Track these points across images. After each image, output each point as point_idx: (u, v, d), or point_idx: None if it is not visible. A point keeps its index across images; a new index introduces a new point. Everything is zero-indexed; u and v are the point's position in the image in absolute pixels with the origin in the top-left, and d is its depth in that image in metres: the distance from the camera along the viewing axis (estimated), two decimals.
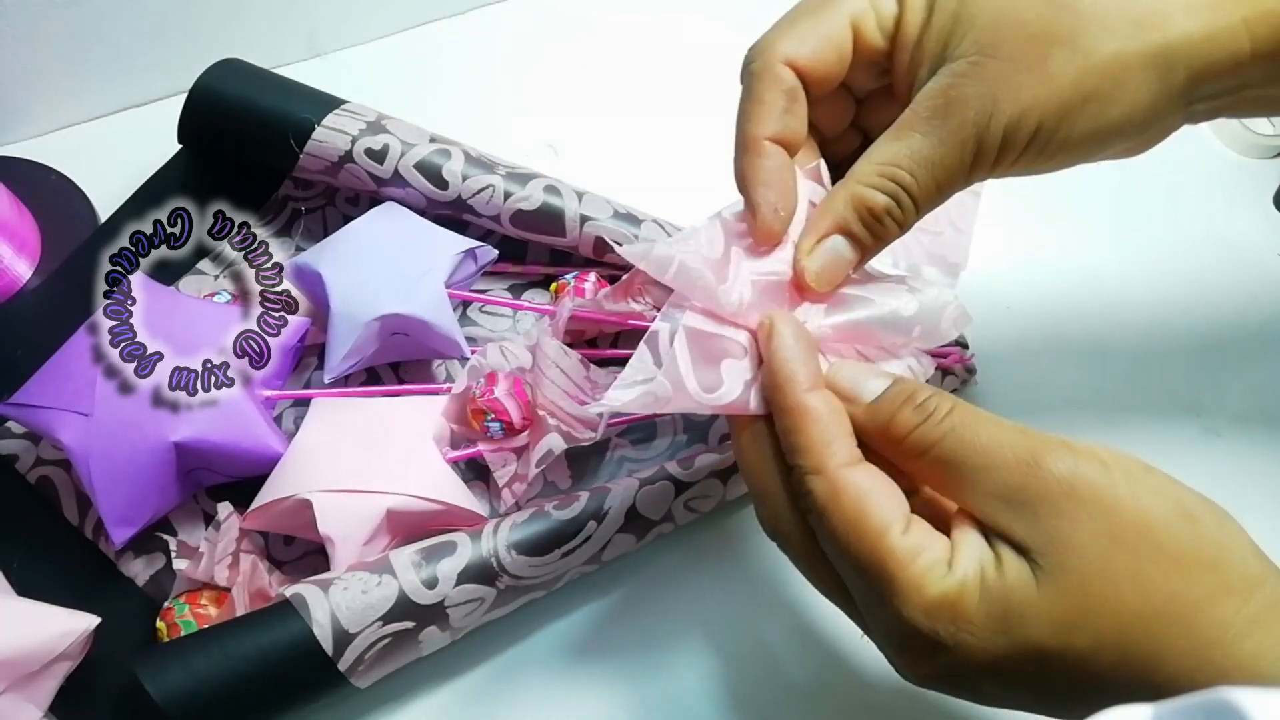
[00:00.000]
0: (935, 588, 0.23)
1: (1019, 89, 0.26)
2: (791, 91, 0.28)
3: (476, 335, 0.45)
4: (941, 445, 0.25)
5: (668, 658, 0.38)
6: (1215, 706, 0.19)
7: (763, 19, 0.57)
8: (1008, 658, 0.23)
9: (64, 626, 0.34)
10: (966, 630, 0.23)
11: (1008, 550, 0.24)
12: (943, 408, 0.25)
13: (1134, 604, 0.23)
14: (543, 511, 0.36)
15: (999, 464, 0.24)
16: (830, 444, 0.25)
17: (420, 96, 0.54)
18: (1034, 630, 0.23)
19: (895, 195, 0.27)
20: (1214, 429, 0.45)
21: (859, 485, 0.24)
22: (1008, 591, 0.23)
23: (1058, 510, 0.23)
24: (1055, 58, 0.26)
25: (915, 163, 0.27)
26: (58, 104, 0.52)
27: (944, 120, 0.27)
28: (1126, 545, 0.23)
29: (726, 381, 0.27)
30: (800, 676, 0.38)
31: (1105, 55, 0.26)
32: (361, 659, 0.33)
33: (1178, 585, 0.23)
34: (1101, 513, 0.23)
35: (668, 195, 0.48)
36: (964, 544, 0.24)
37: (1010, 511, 0.24)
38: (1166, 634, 0.23)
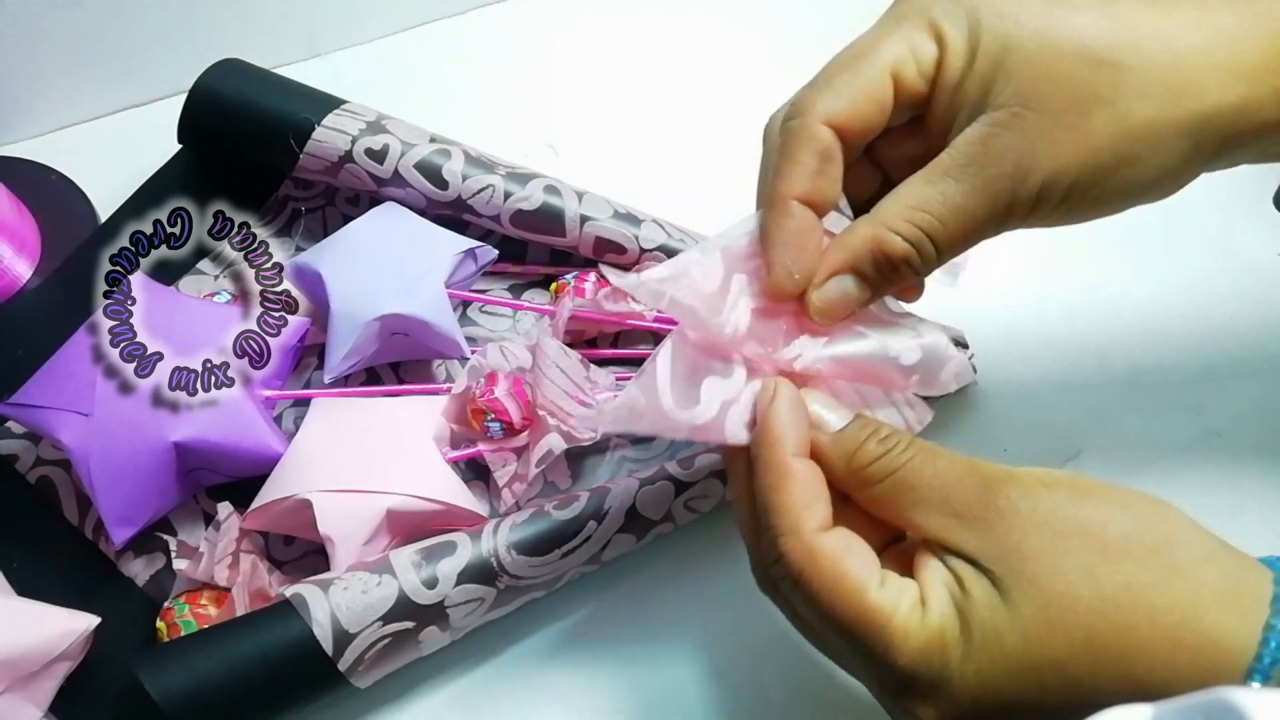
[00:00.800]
0: (921, 633, 0.24)
1: (1058, 146, 0.26)
2: (826, 152, 0.28)
3: (476, 335, 0.45)
4: (901, 472, 0.26)
5: (668, 658, 0.38)
6: (1215, 706, 0.19)
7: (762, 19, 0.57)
8: (998, 676, 0.24)
9: (64, 626, 0.34)
10: (956, 659, 0.24)
11: (966, 569, 0.25)
12: (903, 442, 0.26)
13: (1090, 599, 0.23)
14: (543, 511, 0.36)
15: (952, 485, 0.25)
16: (809, 507, 0.26)
17: (420, 96, 0.54)
18: (1009, 641, 0.24)
19: (918, 243, 0.27)
20: (1214, 429, 0.45)
21: (834, 547, 0.25)
22: (977, 609, 0.24)
23: (1006, 523, 0.24)
24: (1095, 118, 0.26)
25: (947, 209, 0.27)
26: (58, 104, 0.52)
27: (980, 169, 0.27)
28: (1071, 545, 0.24)
29: (704, 401, 0.27)
30: (800, 677, 0.38)
31: (1142, 120, 0.26)
32: (361, 659, 0.33)
33: (1130, 574, 0.23)
34: (1045, 521, 0.24)
35: (668, 195, 0.48)
36: (932, 582, 0.25)
37: (964, 528, 0.25)
38: (1131, 623, 0.23)
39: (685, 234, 0.45)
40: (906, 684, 0.25)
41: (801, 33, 0.59)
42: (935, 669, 0.24)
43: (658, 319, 0.42)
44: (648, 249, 0.44)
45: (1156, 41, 0.26)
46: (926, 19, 0.27)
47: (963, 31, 0.27)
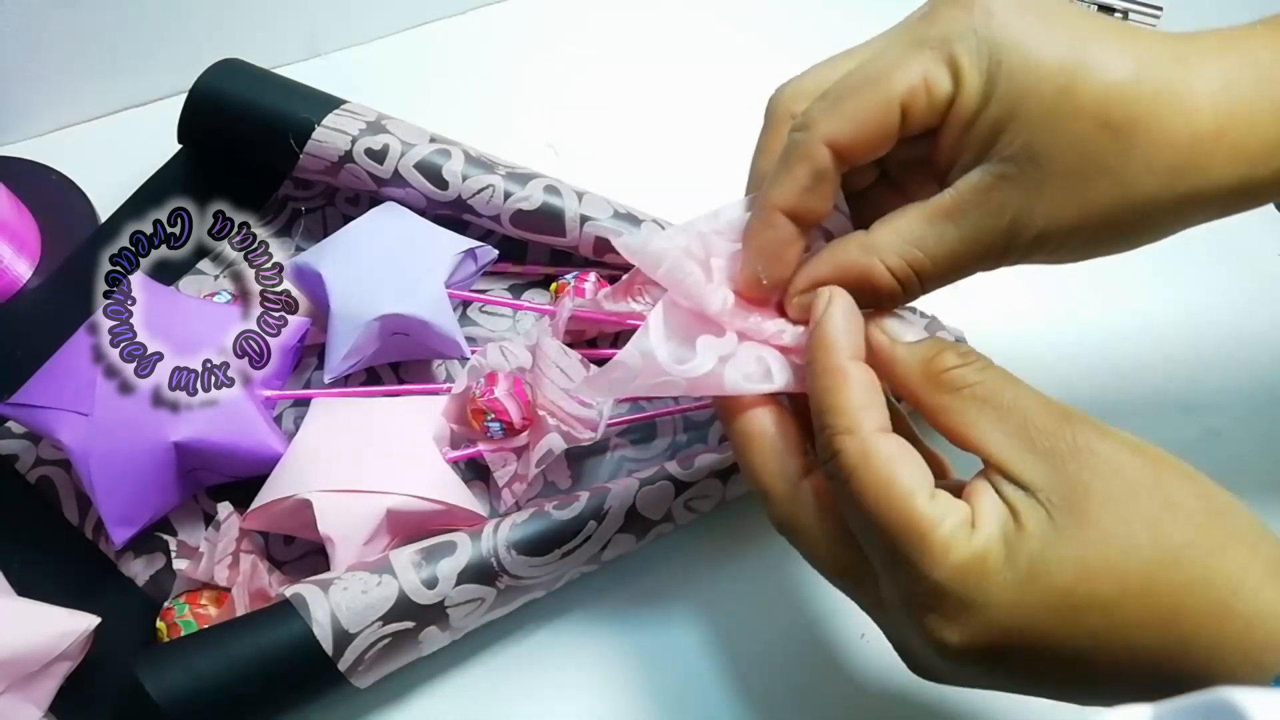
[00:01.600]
0: (963, 549, 0.24)
1: (1058, 209, 0.27)
2: (822, 172, 0.28)
3: (476, 335, 0.45)
4: (979, 387, 0.26)
5: (668, 657, 0.38)
6: (1215, 706, 0.19)
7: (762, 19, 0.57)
8: (1037, 611, 0.24)
9: (64, 626, 0.34)
10: (997, 584, 0.24)
11: (1024, 500, 0.24)
12: (982, 360, 0.26)
13: (1151, 552, 0.23)
14: (543, 511, 0.36)
15: (1031, 411, 0.25)
16: (866, 408, 0.26)
17: (420, 96, 0.54)
18: (1058, 576, 0.23)
19: (906, 280, 0.28)
20: (1214, 429, 0.45)
21: (890, 450, 0.25)
22: (1029, 541, 0.24)
23: (1078, 462, 0.24)
24: (1098, 187, 0.26)
25: (941, 252, 0.28)
26: (58, 104, 0.52)
27: (979, 219, 0.27)
28: (1140, 497, 0.24)
29: (700, 355, 0.27)
30: (800, 676, 0.38)
31: (1143, 196, 0.27)
32: (361, 659, 0.33)
33: (1193, 535, 0.23)
34: (1119, 470, 0.24)
35: (668, 195, 0.48)
36: (984, 507, 0.25)
37: (1033, 457, 0.24)
38: (1187, 581, 0.23)
39: None
40: (937, 599, 0.24)
41: (801, 32, 0.59)
42: (970, 589, 0.24)
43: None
44: None
45: (1174, 111, 0.26)
46: (947, 52, 0.27)
47: (982, 73, 0.27)
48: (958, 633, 0.24)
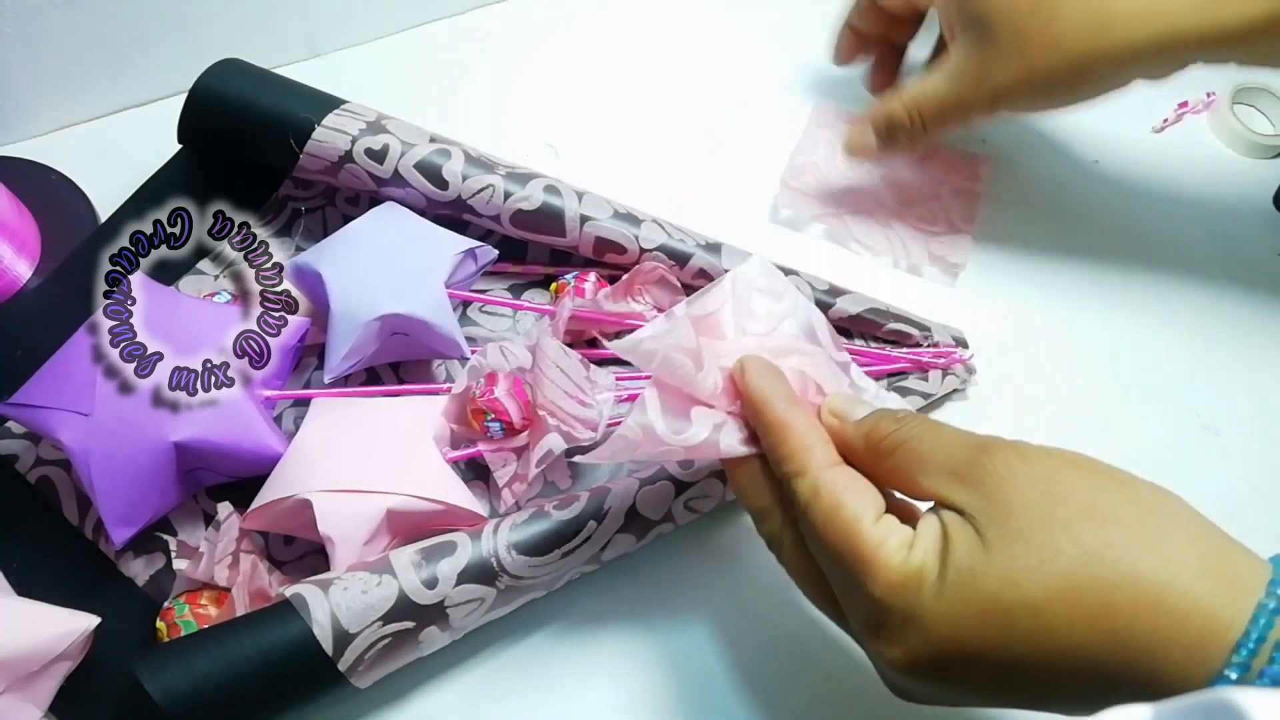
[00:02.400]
0: (900, 567, 0.26)
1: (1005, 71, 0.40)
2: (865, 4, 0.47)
3: (476, 335, 0.45)
4: (911, 442, 0.28)
5: (667, 657, 0.38)
6: (1215, 707, 0.19)
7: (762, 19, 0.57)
8: (968, 617, 0.25)
9: (64, 626, 0.34)
10: (929, 596, 0.25)
11: (955, 521, 0.26)
12: (914, 419, 0.29)
13: (1074, 552, 0.24)
14: (543, 511, 0.36)
15: (952, 450, 0.28)
16: (811, 449, 0.29)
17: (420, 96, 0.54)
18: (984, 583, 0.25)
19: (910, 110, 0.44)
20: (1214, 429, 0.45)
21: (836, 481, 0.28)
22: (957, 554, 0.25)
23: (999, 482, 0.26)
24: (1033, 50, 0.38)
25: (929, 96, 0.43)
26: (58, 104, 0.52)
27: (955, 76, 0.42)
28: (1060, 503, 0.25)
29: (695, 424, 0.30)
30: (800, 676, 0.38)
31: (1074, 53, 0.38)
32: (361, 659, 0.33)
33: (1114, 535, 0.24)
34: (1038, 480, 0.26)
35: (668, 195, 0.48)
36: (923, 530, 0.27)
37: (958, 485, 0.27)
38: (1112, 580, 0.24)
39: (685, 234, 0.45)
40: (881, 616, 0.26)
41: (800, 32, 0.59)
42: (909, 603, 0.25)
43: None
44: (648, 249, 0.44)
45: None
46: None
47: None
48: (901, 648, 0.26)
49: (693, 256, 0.44)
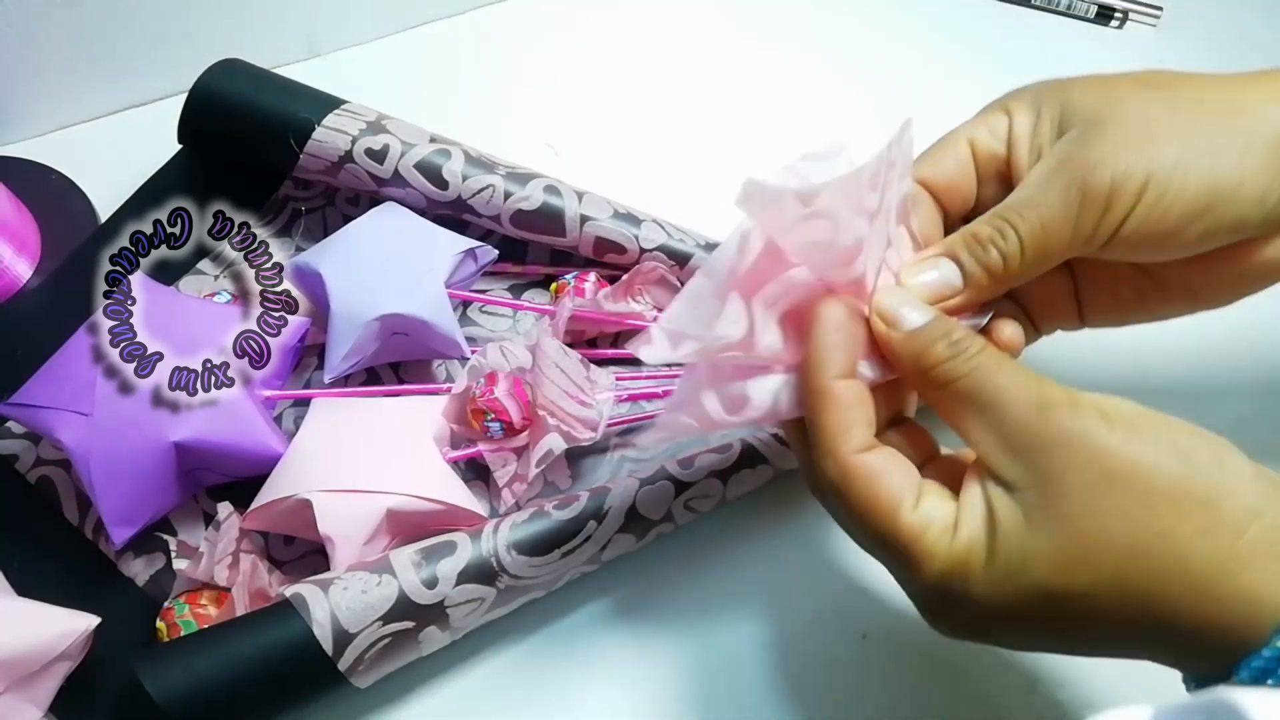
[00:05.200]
0: (945, 557, 0.25)
1: (1125, 145, 0.28)
2: (916, 199, 0.32)
3: (476, 335, 0.45)
4: (964, 380, 0.26)
5: (667, 658, 0.38)
6: (1215, 707, 0.19)
7: (762, 20, 0.57)
8: (1017, 603, 0.25)
9: (64, 626, 0.34)
10: (978, 584, 0.25)
11: (1002, 499, 0.25)
12: (974, 347, 0.26)
13: (1124, 541, 0.24)
14: (543, 511, 0.36)
15: (1009, 405, 0.25)
16: (846, 430, 0.26)
17: (420, 96, 0.54)
18: (1035, 574, 0.24)
19: (1001, 229, 0.29)
20: (1214, 429, 0.45)
21: (870, 468, 0.26)
22: (1006, 541, 0.25)
23: (1052, 456, 0.24)
24: (1157, 122, 0.29)
25: (1024, 204, 0.29)
26: (58, 104, 0.52)
27: (1053, 174, 0.29)
28: (1116, 487, 0.24)
29: (755, 399, 0.28)
30: (801, 676, 0.38)
31: (1207, 117, 0.29)
32: (361, 659, 0.33)
33: (1170, 522, 0.23)
34: (1094, 458, 0.24)
35: (668, 195, 0.48)
36: (966, 508, 0.26)
37: (1011, 457, 0.25)
38: (1160, 570, 0.23)
39: (685, 234, 0.45)
40: (931, 600, 0.27)
41: (799, 32, 0.59)
42: (956, 591, 0.25)
43: (657, 319, 0.42)
44: (648, 249, 0.44)
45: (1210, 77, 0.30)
46: (999, 105, 0.32)
47: (1026, 101, 0.31)
48: (950, 625, 0.27)
49: (693, 256, 0.44)
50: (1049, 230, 0.29)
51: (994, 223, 0.29)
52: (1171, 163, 0.28)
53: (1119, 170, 0.28)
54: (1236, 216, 0.29)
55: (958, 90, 0.56)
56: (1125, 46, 0.59)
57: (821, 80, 0.57)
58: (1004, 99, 0.32)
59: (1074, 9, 0.60)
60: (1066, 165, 0.29)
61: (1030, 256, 0.29)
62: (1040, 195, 0.29)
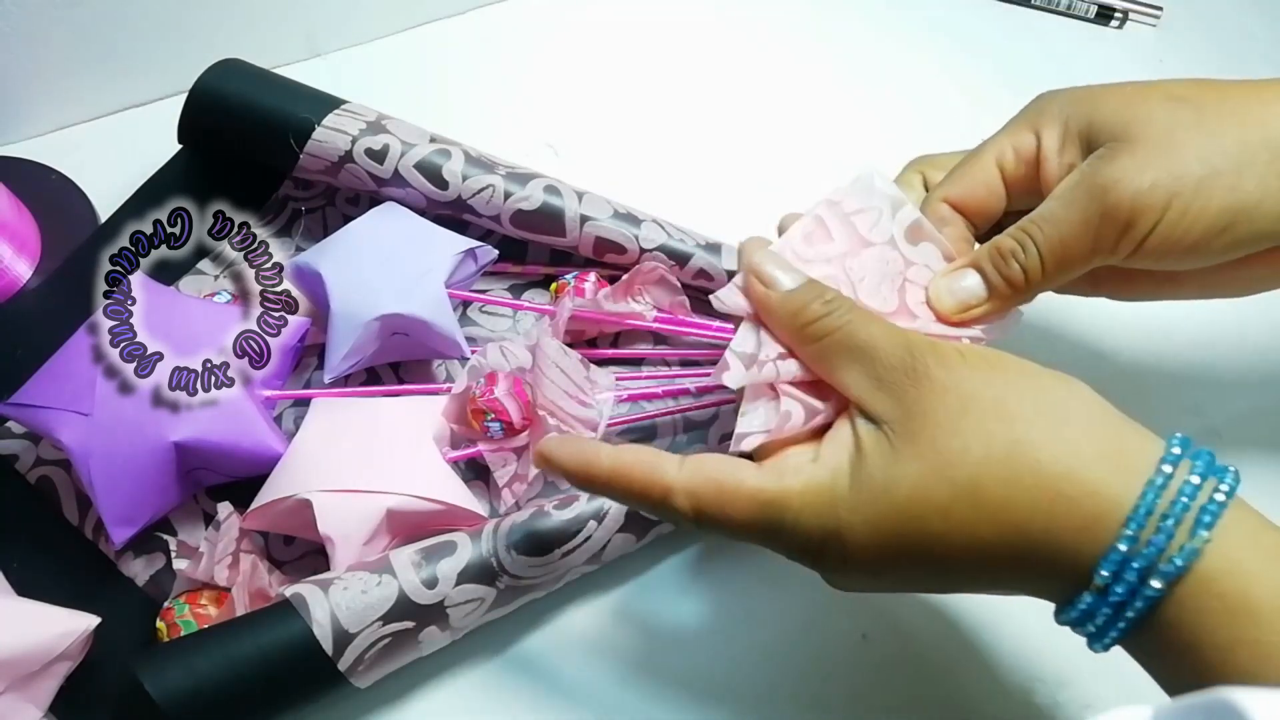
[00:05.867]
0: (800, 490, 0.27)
1: (1148, 163, 0.29)
2: (943, 219, 0.34)
3: (476, 335, 0.45)
4: (837, 333, 0.28)
5: (667, 658, 0.38)
6: (1215, 707, 0.19)
7: (761, 20, 0.57)
8: (884, 527, 0.26)
9: (64, 626, 0.34)
10: (847, 512, 0.26)
11: (869, 431, 0.27)
12: (845, 306, 0.28)
13: (979, 453, 0.25)
14: (543, 511, 0.36)
15: (880, 349, 0.27)
16: (655, 468, 0.28)
17: (420, 96, 0.54)
18: (898, 493, 0.26)
19: (1022, 242, 0.31)
20: (1214, 429, 0.45)
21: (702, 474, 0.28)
22: (869, 468, 0.26)
23: (918, 390, 0.26)
24: (1181, 140, 0.29)
25: (1046, 219, 0.31)
26: (58, 104, 0.52)
27: (1076, 189, 0.30)
28: (973, 410, 0.26)
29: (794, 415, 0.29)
30: (801, 676, 0.38)
31: (1231, 139, 0.29)
32: (361, 659, 0.33)
33: (1021, 432, 0.25)
34: (953, 388, 0.26)
35: (668, 195, 0.48)
36: (833, 440, 0.28)
37: (879, 392, 0.27)
38: (1014, 474, 0.25)
39: (685, 234, 0.44)
40: (805, 547, 0.27)
41: (798, 32, 0.59)
42: (825, 521, 0.27)
43: (658, 319, 0.42)
44: (648, 249, 0.44)
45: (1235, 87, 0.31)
46: (1025, 121, 0.33)
47: (1053, 117, 0.32)
48: (832, 567, 0.28)
49: (693, 256, 0.44)
50: (1068, 245, 0.30)
51: (1017, 235, 0.31)
52: (1195, 182, 0.29)
53: (1142, 188, 0.29)
54: (1259, 231, 0.30)
55: (958, 90, 0.56)
56: (1125, 46, 0.59)
57: (821, 80, 0.57)
58: (1031, 114, 0.33)
59: (1074, 9, 0.60)
60: (1089, 182, 0.30)
61: (1050, 269, 0.31)
62: (1061, 211, 0.30)
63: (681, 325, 0.43)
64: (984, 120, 0.38)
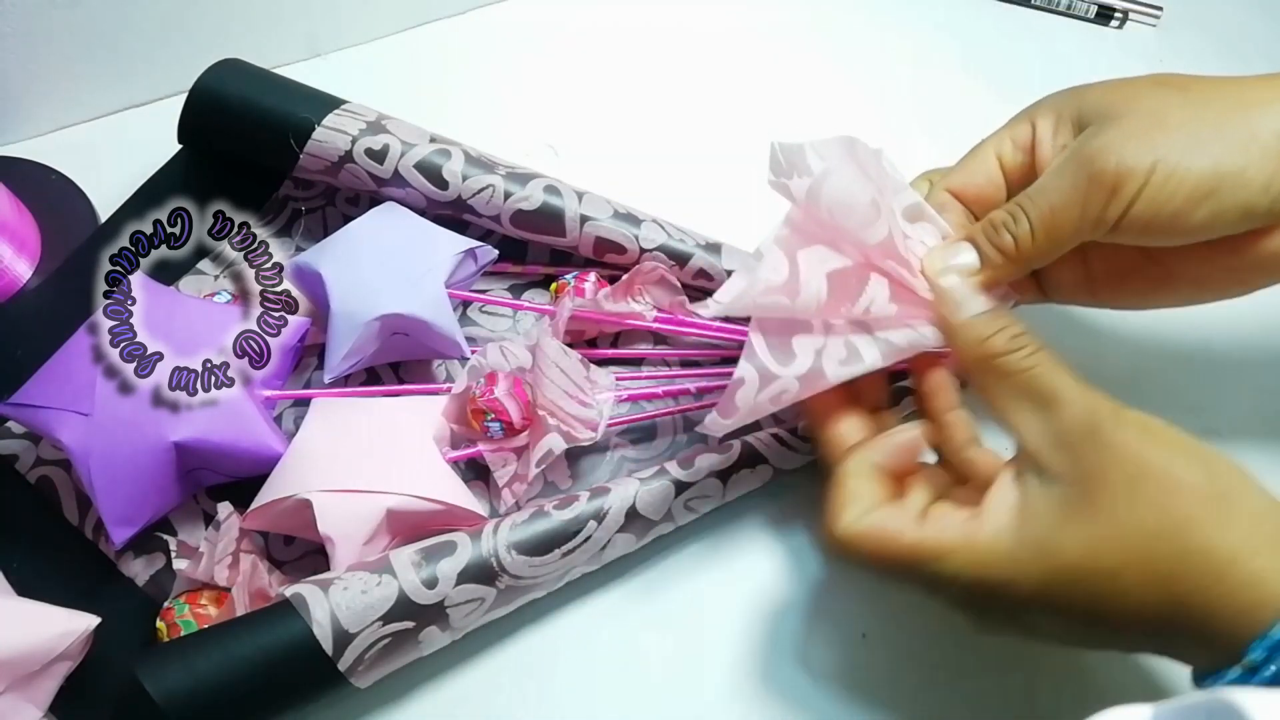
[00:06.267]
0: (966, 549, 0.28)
1: (1135, 135, 0.30)
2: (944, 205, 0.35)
3: (476, 335, 0.45)
4: (1026, 375, 0.29)
5: (667, 658, 0.38)
6: (1215, 707, 0.19)
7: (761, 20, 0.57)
8: (1047, 583, 0.27)
9: (64, 626, 0.34)
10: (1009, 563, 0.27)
11: (1037, 486, 0.28)
12: (1030, 346, 0.29)
13: (1153, 524, 0.26)
14: (543, 511, 0.36)
15: (1064, 405, 0.28)
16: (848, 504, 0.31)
17: (420, 96, 0.54)
18: (1067, 551, 0.27)
19: (1014, 213, 0.32)
20: (1214, 429, 0.45)
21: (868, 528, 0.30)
22: (1038, 522, 0.27)
23: (1098, 454, 0.27)
24: (1170, 114, 0.31)
25: (1036, 191, 0.32)
26: (58, 104, 0.52)
27: (1064, 164, 0.31)
28: (1151, 483, 0.27)
29: (799, 355, 0.30)
30: (801, 676, 0.38)
31: (1214, 111, 0.31)
32: (361, 659, 0.33)
33: (1195, 512, 0.26)
34: (1133, 459, 0.27)
35: (668, 195, 0.48)
36: (997, 496, 0.29)
37: (1057, 451, 0.28)
38: (1185, 550, 0.26)
39: (685, 234, 0.44)
40: (965, 596, 0.29)
41: (799, 32, 0.59)
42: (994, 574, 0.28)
43: (658, 319, 0.42)
44: (648, 249, 0.44)
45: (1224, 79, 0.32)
46: (1025, 115, 0.35)
47: (1048, 107, 0.34)
48: (987, 618, 0.29)
49: (693, 256, 0.44)
50: (1057, 213, 0.31)
51: (1009, 208, 0.32)
52: (1179, 148, 0.30)
53: (1126, 154, 0.30)
54: (1243, 202, 0.30)
55: (958, 90, 0.56)
56: (1125, 46, 0.59)
57: (821, 79, 0.57)
58: (1030, 109, 0.35)
59: (1074, 9, 0.60)
60: (1077, 154, 0.31)
61: (1041, 238, 0.31)
62: (1050, 182, 0.31)
63: (681, 325, 0.43)
64: (985, 120, 0.38)
